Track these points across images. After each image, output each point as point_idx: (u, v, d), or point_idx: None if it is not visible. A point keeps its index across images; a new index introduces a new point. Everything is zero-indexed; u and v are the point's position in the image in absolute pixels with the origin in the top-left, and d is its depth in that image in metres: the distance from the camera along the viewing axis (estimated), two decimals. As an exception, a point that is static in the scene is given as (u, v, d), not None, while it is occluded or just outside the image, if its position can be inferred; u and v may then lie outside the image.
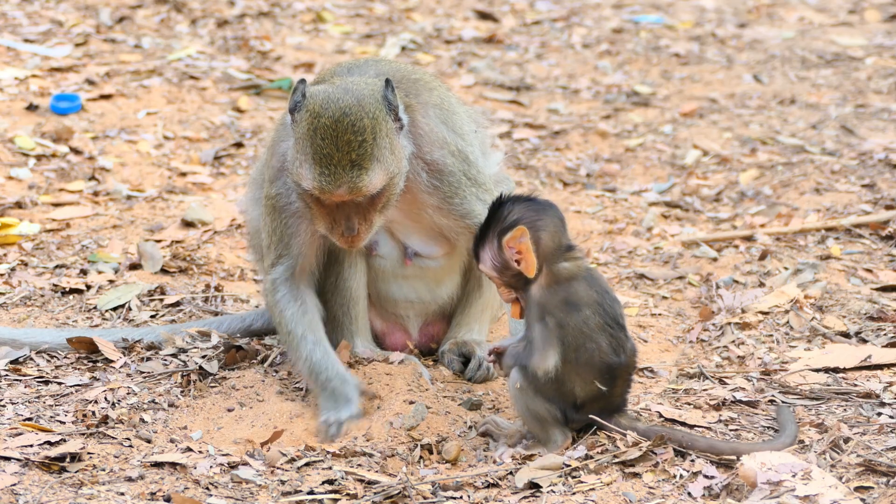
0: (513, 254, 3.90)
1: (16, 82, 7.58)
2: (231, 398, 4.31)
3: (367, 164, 3.96)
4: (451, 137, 4.29)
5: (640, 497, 3.63)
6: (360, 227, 4.07)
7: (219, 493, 3.72)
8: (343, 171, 3.95)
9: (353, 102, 3.99)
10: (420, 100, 4.29)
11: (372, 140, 3.97)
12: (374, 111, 4.00)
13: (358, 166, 3.95)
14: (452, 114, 4.38)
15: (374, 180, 3.99)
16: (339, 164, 3.95)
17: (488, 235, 3.95)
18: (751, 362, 4.62)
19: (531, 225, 3.88)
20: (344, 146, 3.95)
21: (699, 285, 5.46)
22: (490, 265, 3.97)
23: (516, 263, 3.90)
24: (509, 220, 3.91)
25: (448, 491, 3.74)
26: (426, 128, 4.26)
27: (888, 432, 3.90)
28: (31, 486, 3.66)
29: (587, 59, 9.48)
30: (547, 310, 3.89)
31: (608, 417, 3.92)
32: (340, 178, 3.95)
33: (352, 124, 3.95)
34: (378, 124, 3.99)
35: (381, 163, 4.00)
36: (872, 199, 6.35)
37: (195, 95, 7.78)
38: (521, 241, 3.88)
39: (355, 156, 3.95)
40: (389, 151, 4.03)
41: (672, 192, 6.88)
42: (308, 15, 9.85)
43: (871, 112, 8.10)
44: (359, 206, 4.05)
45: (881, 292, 5.25)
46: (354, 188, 3.97)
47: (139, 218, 6.11)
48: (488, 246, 3.95)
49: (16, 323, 4.91)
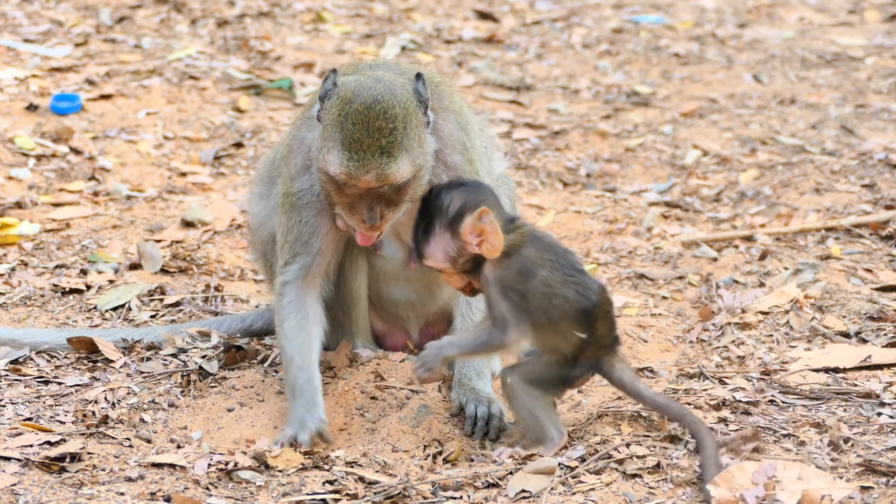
0: (472, 238, 3.86)
1: (16, 82, 7.58)
2: (231, 398, 4.32)
3: (396, 152, 3.94)
4: (468, 144, 4.29)
5: (640, 497, 3.63)
6: (383, 217, 4.03)
7: (219, 493, 3.72)
8: (372, 157, 3.92)
9: (386, 91, 3.98)
10: (442, 104, 4.30)
11: (403, 129, 3.95)
12: (405, 101, 3.99)
13: (388, 153, 3.93)
14: (467, 122, 4.39)
15: (402, 169, 3.96)
16: (369, 150, 3.92)
17: (434, 229, 3.89)
18: (751, 362, 4.62)
19: (486, 205, 3.86)
20: (375, 132, 3.93)
21: (699, 285, 5.46)
22: (442, 257, 3.91)
23: (477, 247, 3.87)
24: (455, 208, 3.87)
25: (448, 491, 3.74)
26: (447, 131, 4.26)
27: (888, 432, 3.90)
28: (31, 486, 3.66)
29: (587, 59, 9.48)
30: (506, 284, 3.88)
31: (605, 362, 3.93)
32: (369, 164, 3.93)
33: (384, 111, 3.94)
34: (409, 115, 3.99)
35: (409, 153, 3.98)
36: (872, 199, 6.35)
37: (195, 95, 7.78)
38: (485, 222, 3.85)
39: (385, 143, 3.93)
40: (418, 144, 4.02)
41: (672, 192, 6.88)
42: (308, 15, 9.85)
43: (871, 112, 8.10)
44: (382, 197, 4.01)
45: (881, 292, 5.25)
46: (382, 175, 3.94)
47: (139, 218, 6.11)
48: (438, 238, 3.89)
49: (16, 323, 4.91)
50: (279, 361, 4.56)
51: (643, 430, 3.94)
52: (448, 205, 3.88)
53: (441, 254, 3.91)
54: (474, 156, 4.31)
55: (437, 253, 3.91)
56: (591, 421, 4.01)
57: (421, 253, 3.94)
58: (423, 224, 3.91)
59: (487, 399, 4.19)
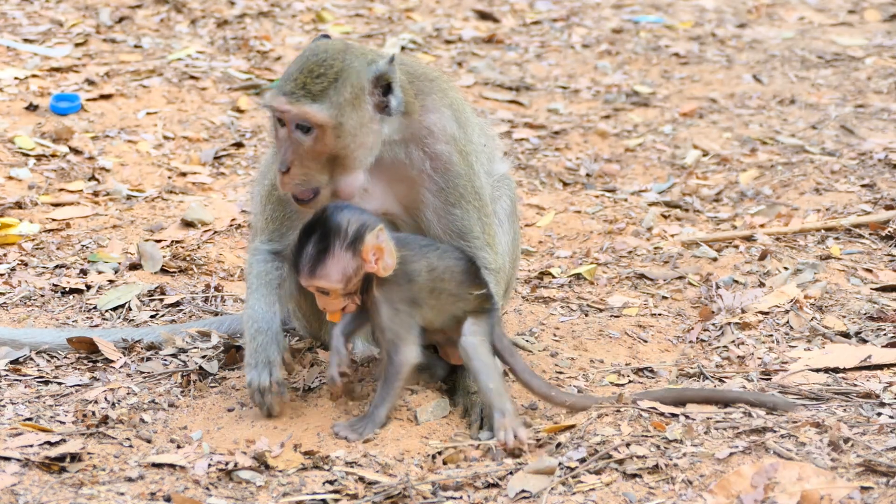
0: (371, 257, 3.96)
1: (16, 82, 7.58)
2: (231, 398, 4.31)
3: (316, 92, 4.02)
4: (460, 137, 4.28)
5: (640, 497, 3.63)
6: (293, 166, 4.06)
7: (219, 493, 3.72)
8: (294, 86, 4.03)
9: (340, 49, 4.11)
10: (433, 98, 4.28)
11: (333, 80, 4.04)
12: (352, 62, 4.08)
13: (308, 90, 4.02)
14: (466, 120, 4.38)
15: (315, 109, 4.02)
16: (294, 81, 4.04)
17: (334, 249, 3.94)
18: (751, 362, 4.62)
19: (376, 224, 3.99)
20: (306, 71, 4.05)
21: (699, 285, 5.46)
22: (338, 277, 3.96)
23: (375, 265, 3.96)
24: (354, 228, 3.96)
25: (448, 491, 3.74)
26: (438, 124, 4.24)
27: (888, 432, 3.90)
28: (31, 486, 3.66)
29: (587, 59, 9.48)
30: (397, 298, 4.02)
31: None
32: (287, 90, 4.03)
33: (323, 60, 4.06)
34: (349, 73, 4.06)
35: (331, 104, 4.03)
36: (872, 199, 6.35)
37: (195, 95, 7.78)
38: (382, 241, 3.97)
39: (309, 81, 4.03)
40: (350, 104, 4.05)
41: (672, 192, 6.88)
42: (308, 15, 9.85)
43: (871, 112, 8.10)
44: (300, 145, 4.06)
45: (881, 292, 5.25)
46: (293, 101, 4.02)
47: (139, 218, 6.11)
48: (337, 259, 3.95)
49: (16, 323, 4.90)
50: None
51: (643, 430, 3.94)
52: (346, 225, 3.97)
53: (338, 274, 3.97)
54: (468, 149, 4.29)
55: (334, 273, 3.96)
56: (591, 421, 4.01)
57: (312, 272, 3.96)
58: (319, 246, 3.95)
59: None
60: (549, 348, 4.76)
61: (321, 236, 3.96)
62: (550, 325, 5.02)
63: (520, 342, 4.78)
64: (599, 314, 5.19)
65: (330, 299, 4.02)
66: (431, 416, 4.14)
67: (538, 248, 6.05)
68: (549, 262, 5.84)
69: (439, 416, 4.15)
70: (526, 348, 4.75)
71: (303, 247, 3.97)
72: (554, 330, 4.96)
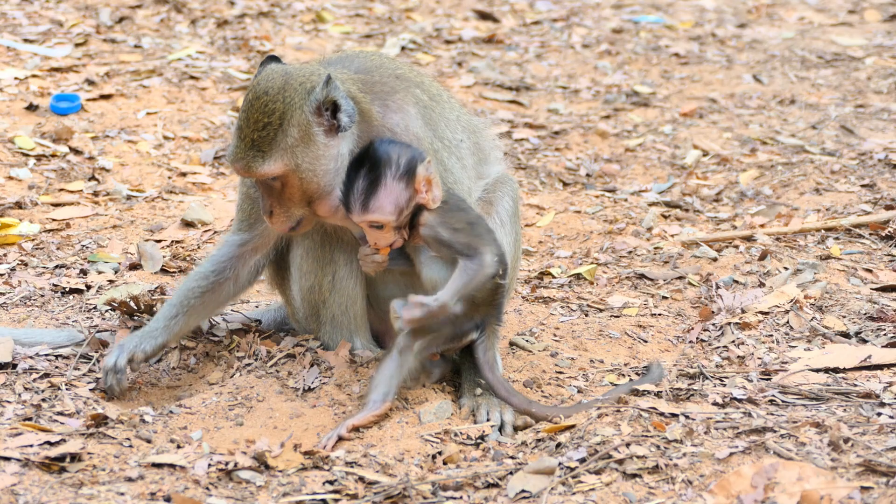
0: (423, 187, 4.02)
1: (16, 82, 7.58)
2: (231, 398, 4.31)
3: (265, 147, 4.05)
4: (426, 135, 4.26)
5: (640, 497, 3.63)
6: (274, 209, 4.13)
7: (219, 493, 3.72)
8: (245, 148, 4.06)
9: (279, 86, 4.09)
10: (397, 97, 4.27)
11: (278, 126, 4.05)
12: (292, 99, 4.07)
13: (257, 147, 4.05)
14: (438, 117, 4.36)
15: (269, 165, 4.05)
16: (244, 140, 4.07)
17: (386, 181, 3.99)
18: (751, 362, 4.62)
19: (424, 156, 4.05)
20: (252, 124, 4.06)
21: (699, 285, 5.46)
22: (392, 209, 4.01)
23: (425, 195, 4.02)
24: (405, 160, 4.00)
25: (448, 491, 3.74)
26: (401, 123, 4.24)
27: (888, 432, 3.90)
28: (31, 486, 3.66)
29: (587, 59, 9.48)
30: (450, 218, 4.07)
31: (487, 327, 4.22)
32: (239, 155, 4.07)
33: (264, 105, 4.06)
34: (291, 113, 4.06)
35: (283, 151, 4.05)
36: (872, 199, 6.35)
37: (195, 95, 7.78)
38: (431, 172, 4.03)
39: (257, 136, 4.05)
40: (301, 143, 4.06)
41: (672, 192, 6.88)
42: (308, 15, 9.85)
43: (871, 112, 8.10)
44: (272, 189, 4.13)
45: (881, 292, 5.25)
46: (248, 167, 4.07)
47: (139, 218, 6.11)
48: (390, 190, 3.99)
49: (16, 323, 4.90)
50: (280, 361, 4.56)
51: (643, 430, 3.94)
52: (396, 157, 4.00)
53: (391, 205, 4.01)
54: (436, 146, 4.29)
55: (387, 205, 4.00)
56: (591, 421, 4.01)
57: (365, 206, 4.00)
58: (370, 178, 3.99)
59: (500, 404, 4.21)
60: (549, 348, 4.76)
61: (371, 169, 4.00)
62: (550, 325, 5.02)
63: (520, 342, 4.79)
64: (599, 314, 5.19)
65: (382, 233, 4.05)
66: (434, 417, 4.14)
67: (538, 248, 6.05)
68: (549, 262, 5.84)
69: (442, 417, 4.15)
70: (526, 348, 4.75)
71: (352, 183, 4.01)
72: (554, 330, 4.96)
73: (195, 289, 4.48)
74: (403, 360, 4.11)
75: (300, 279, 4.49)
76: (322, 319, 4.50)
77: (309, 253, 4.44)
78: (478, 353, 4.18)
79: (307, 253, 4.45)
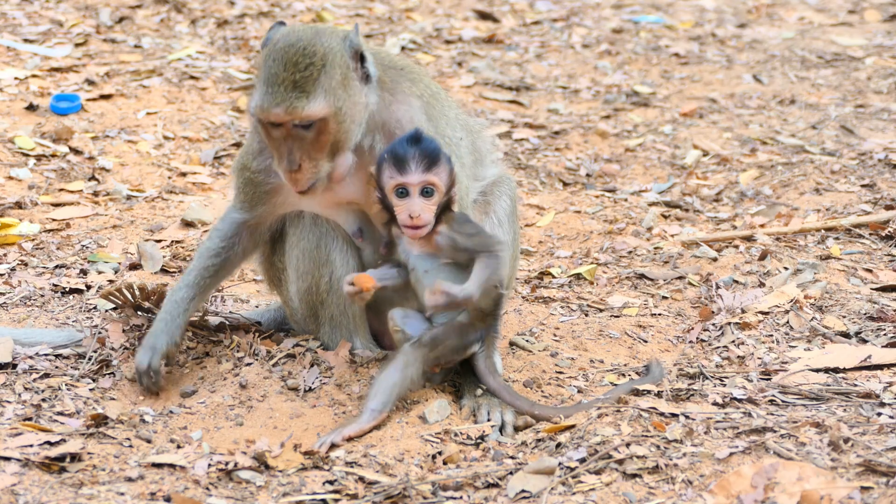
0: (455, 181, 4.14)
1: (16, 82, 7.58)
2: (231, 398, 4.31)
3: (309, 87, 3.97)
4: (429, 130, 4.24)
5: (640, 497, 3.63)
6: (303, 162, 4.04)
7: (219, 493, 3.72)
8: (285, 90, 3.97)
9: (311, 34, 4.07)
10: (401, 87, 4.27)
11: (321, 66, 3.99)
12: (331, 43, 4.04)
13: (300, 88, 3.97)
14: (439, 114, 4.35)
15: (314, 105, 3.97)
16: (283, 83, 3.97)
17: (441, 159, 4.06)
18: (751, 362, 4.62)
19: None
20: (290, 67, 3.98)
21: (699, 285, 5.46)
22: (447, 180, 4.09)
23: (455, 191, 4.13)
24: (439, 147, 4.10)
25: (448, 491, 3.74)
26: (407, 115, 4.23)
27: (888, 432, 3.90)
28: (31, 486, 3.66)
29: (587, 59, 9.48)
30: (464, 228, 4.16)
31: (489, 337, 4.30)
32: (280, 98, 3.97)
33: (303, 48, 4.00)
34: (332, 55, 4.02)
35: (326, 92, 3.99)
36: (872, 199, 6.35)
37: (195, 95, 7.78)
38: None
39: (299, 77, 3.97)
40: (341, 86, 4.03)
41: (672, 192, 6.88)
42: (308, 15, 9.85)
43: (871, 112, 8.11)
44: (303, 140, 4.02)
45: (881, 292, 5.25)
46: (291, 108, 3.95)
47: (139, 218, 6.11)
48: (445, 163, 4.08)
49: (16, 323, 4.90)
50: (281, 361, 4.56)
51: (643, 430, 3.94)
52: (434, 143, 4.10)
53: (447, 176, 4.07)
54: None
55: (444, 173, 4.06)
56: (591, 421, 4.01)
57: (429, 168, 4.03)
58: (431, 146, 4.04)
59: (500, 404, 4.21)
60: (549, 348, 4.77)
61: (429, 141, 4.06)
62: (550, 325, 5.02)
63: (520, 342, 4.79)
64: (599, 314, 5.19)
65: (429, 205, 4.06)
66: (434, 417, 4.14)
67: (538, 248, 6.05)
68: (549, 262, 5.84)
69: (442, 417, 4.15)
70: (526, 348, 4.75)
71: (413, 146, 4.03)
72: (554, 330, 4.96)
73: (209, 267, 4.48)
74: (406, 373, 4.11)
75: (297, 280, 4.49)
76: (321, 320, 4.50)
77: (305, 254, 4.44)
78: (478, 363, 4.22)
79: (303, 254, 4.44)
